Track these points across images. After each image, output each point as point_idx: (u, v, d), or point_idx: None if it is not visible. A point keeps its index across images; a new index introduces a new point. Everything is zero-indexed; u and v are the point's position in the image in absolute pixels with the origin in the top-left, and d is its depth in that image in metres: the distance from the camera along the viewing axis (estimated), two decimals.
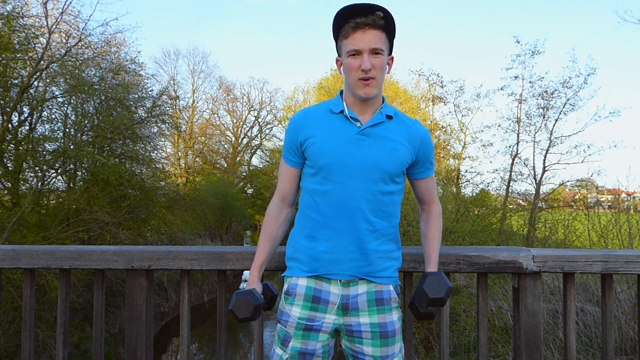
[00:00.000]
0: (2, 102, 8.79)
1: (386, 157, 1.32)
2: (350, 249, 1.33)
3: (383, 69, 1.30)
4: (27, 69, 9.23)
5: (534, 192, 11.97)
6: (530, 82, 12.38)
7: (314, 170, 1.35)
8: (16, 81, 9.09)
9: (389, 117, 1.37)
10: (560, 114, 11.80)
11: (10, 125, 9.40)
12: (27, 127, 9.98)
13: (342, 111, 1.35)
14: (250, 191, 27.31)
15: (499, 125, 13.61)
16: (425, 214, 1.51)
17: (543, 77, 12.23)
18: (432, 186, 1.47)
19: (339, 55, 1.35)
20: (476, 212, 10.27)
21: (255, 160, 29.48)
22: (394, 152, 1.33)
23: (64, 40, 10.17)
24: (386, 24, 1.27)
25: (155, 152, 14.61)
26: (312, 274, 1.36)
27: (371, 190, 1.32)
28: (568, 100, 11.64)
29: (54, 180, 10.60)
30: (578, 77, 11.44)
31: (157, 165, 13.97)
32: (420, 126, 1.42)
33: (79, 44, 10.13)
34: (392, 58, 1.37)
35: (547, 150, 11.93)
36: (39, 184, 9.56)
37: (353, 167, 1.31)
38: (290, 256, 1.42)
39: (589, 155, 11.46)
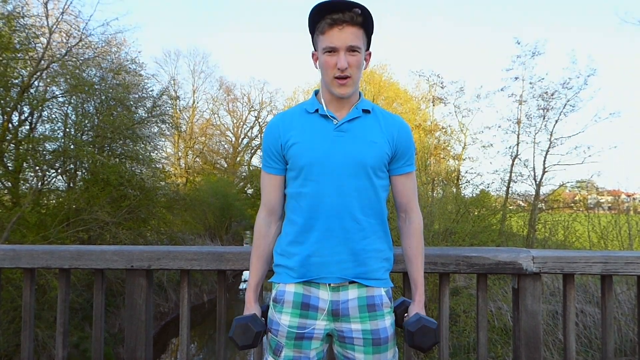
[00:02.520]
0: (2, 101, 8.79)
1: (366, 151, 1.29)
2: (339, 250, 1.29)
3: (359, 66, 1.27)
4: (28, 68, 9.24)
5: (534, 193, 11.97)
6: (530, 83, 12.39)
7: (295, 173, 1.33)
8: (17, 81, 9.09)
9: (366, 111, 1.35)
10: (560, 115, 11.80)
11: (10, 125, 9.40)
12: (28, 127, 9.98)
13: (317, 110, 1.33)
14: (250, 191, 27.32)
15: (499, 126, 13.66)
16: (404, 225, 1.41)
17: (543, 78, 12.23)
18: (412, 187, 1.39)
19: (315, 50, 1.32)
20: (476, 213, 10.26)
21: (255, 161, 29.48)
22: (373, 145, 1.30)
23: (65, 40, 10.19)
24: (364, 20, 1.24)
25: (156, 152, 14.59)
26: (300, 280, 1.32)
27: (354, 187, 1.29)
28: (568, 101, 11.65)
29: (54, 180, 10.61)
30: (578, 78, 11.44)
31: (157, 165, 13.96)
32: (400, 119, 1.39)
33: (80, 44, 10.15)
34: (370, 53, 1.34)
35: (547, 151, 11.93)
36: (39, 183, 9.56)
37: (333, 165, 1.28)
38: (278, 263, 1.39)
39: (589, 156, 11.46)
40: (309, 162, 1.29)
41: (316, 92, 1.40)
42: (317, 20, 1.25)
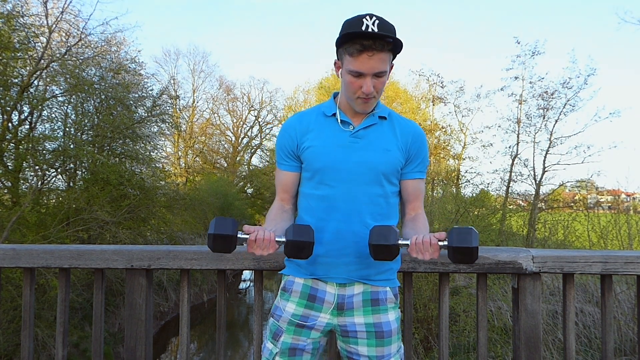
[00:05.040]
0: (2, 101, 8.79)
1: (379, 159, 1.32)
2: (347, 252, 1.32)
3: (383, 86, 1.29)
4: (27, 68, 9.24)
5: (533, 193, 11.99)
6: (530, 82, 12.42)
7: (309, 174, 1.36)
8: (16, 80, 9.09)
9: (383, 117, 1.37)
10: (560, 114, 11.83)
11: (10, 124, 9.40)
12: (27, 126, 9.98)
13: (334, 114, 1.35)
14: (250, 191, 27.30)
15: (499, 126, 13.70)
16: (410, 217, 1.40)
17: (543, 78, 12.26)
18: (421, 190, 1.41)
19: (338, 59, 1.32)
20: (476, 213, 10.27)
21: (255, 160, 29.50)
22: (387, 152, 1.33)
23: (64, 40, 10.19)
24: (393, 47, 1.25)
25: (155, 151, 14.61)
26: (309, 276, 1.36)
27: (366, 193, 1.31)
28: (568, 100, 11.67)
29: (53, 179, 10.62)
30: (578, 77, 11.47)
31: (157, 165, 13.97)
32: (415, 126, 1.40)
33: (79, 43, 10.14)
34: (392, 65, 1.34)
35: (547, 150, 11.95)
36: (39, 183, 9.56)
37: (347, 171, 1.31)
38: (288, 258, 1.41)
39: (589, 155, 11.48)
40: (323, 166, 1.32)
41: (334, 95, 1.41)
42: (347, 41, 1.24)
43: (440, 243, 1.18)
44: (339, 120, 1.34)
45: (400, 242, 1.20)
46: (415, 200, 1.41)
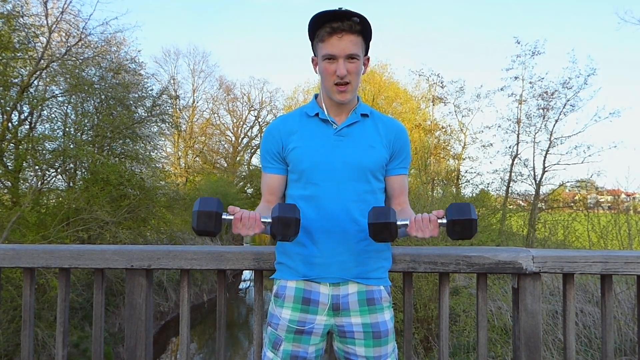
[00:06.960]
0: (2, 101, 8.79)
1: (364, 155, 1.33)
2: (339, 251, 1.32)
3: (358, 73, 1.31)
4: (27, 68, 9.24)
5: (533, 193, 12.00)
6: (530, 82, 12.44)
7: (296, 176, 1.36)
8: (16, 80, 9.10)
9: (365, 115, 1.38)
10: (560, 114, 11.84)
11: (10, 125, 9.41)
12: (27, 126, 9.99)
13: (317, 114, 1.36)
14: (250, 191, 27.34)
15: (499, 126, 13.68)
16: (397, 211, 1.39)
17: (543, 78, 12.28)
18: (405, 186, 1.43)
19: (315, 55, 1.35)
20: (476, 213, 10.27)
21: (255, 160, 29.52)
22: (372, 149, 1.34)
23: (64, 40, 10.19)
24: (362, 29, 1.27)
25: (155, 151, 14.61)
26: (301, 278, 1.35)
27: (354, 190, 1.32)
28: (568, 100, 11.68)
29: (53, 179, 10.62)
30: (578, 77, 11.49)
31: (157, 165, 13.98)
32: (397, 123, 1.43)
33: (79, 43, 10.14)
34: (368, 58, 1.38)
35: (547, 150, 11.97)
36: (39, 183, 9.56)
37: (333, 169, 1.32)
38: (280, 260, 1.41)
39: (589, 156, 11.49)
40: (309, 166, 1.33)
41: (316, 96, 1.43)
42: (317, 28, 1.28)
43: (439, 220, 1.18)
44: (322, 120, 1.36)
45: (399, 222, 1.19)
46: (400, 195, 1.43)
